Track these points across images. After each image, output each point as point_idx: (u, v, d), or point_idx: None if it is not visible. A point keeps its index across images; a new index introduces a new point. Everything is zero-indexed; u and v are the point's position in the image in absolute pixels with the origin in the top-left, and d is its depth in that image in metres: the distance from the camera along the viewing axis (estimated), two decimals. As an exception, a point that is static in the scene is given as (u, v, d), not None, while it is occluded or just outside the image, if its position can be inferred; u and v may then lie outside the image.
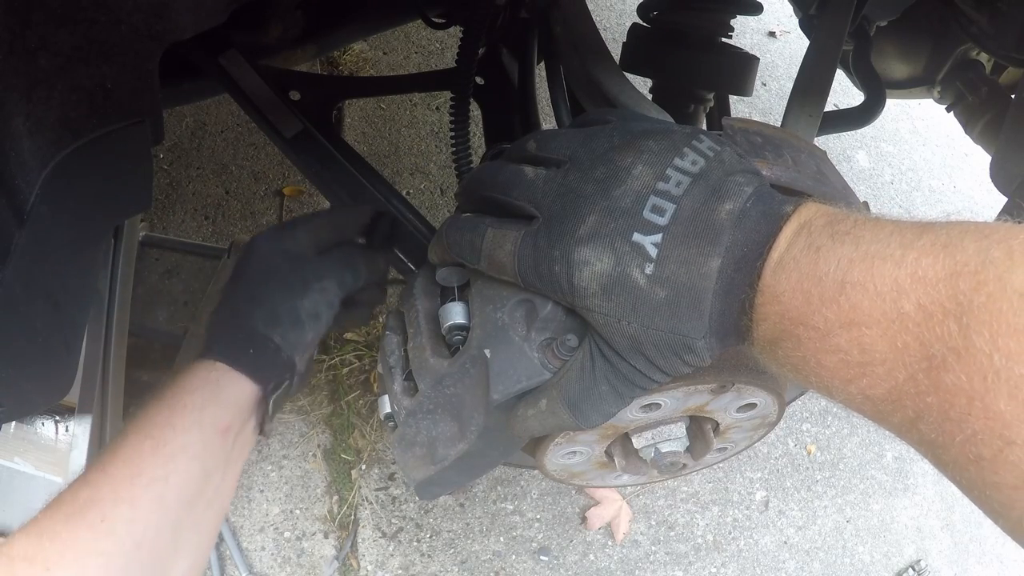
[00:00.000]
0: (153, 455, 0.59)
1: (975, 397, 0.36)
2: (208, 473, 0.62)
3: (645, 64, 0.99)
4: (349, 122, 2.14)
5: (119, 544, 0.55)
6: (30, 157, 0.55)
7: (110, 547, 0.55)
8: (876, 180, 2.72)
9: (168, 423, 0.61)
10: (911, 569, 1.94)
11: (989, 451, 0.36)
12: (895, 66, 1.32)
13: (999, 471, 0.36)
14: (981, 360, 0.36)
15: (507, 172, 0.58)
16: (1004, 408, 0.35)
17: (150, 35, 0.62)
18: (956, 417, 0.37)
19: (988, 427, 0.36)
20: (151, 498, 0.58)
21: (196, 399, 0.63)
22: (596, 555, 1.72)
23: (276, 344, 0.68)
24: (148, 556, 0.57)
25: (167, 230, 1.82)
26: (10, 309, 0.55)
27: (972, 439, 0.37)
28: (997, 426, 0.35)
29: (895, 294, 0.40)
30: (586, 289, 0.51)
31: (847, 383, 0.44)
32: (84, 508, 0.55)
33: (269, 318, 0.68)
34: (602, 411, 0.55)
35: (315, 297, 0.71)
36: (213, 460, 0.63)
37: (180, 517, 0.60)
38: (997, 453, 0.36)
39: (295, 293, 0.69)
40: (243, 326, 0.67)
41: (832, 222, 0.46)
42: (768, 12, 1.11)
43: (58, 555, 0.53)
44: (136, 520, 0.56)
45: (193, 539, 0.62)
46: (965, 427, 0.37)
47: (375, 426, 1.69)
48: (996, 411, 0.35)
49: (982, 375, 0.36)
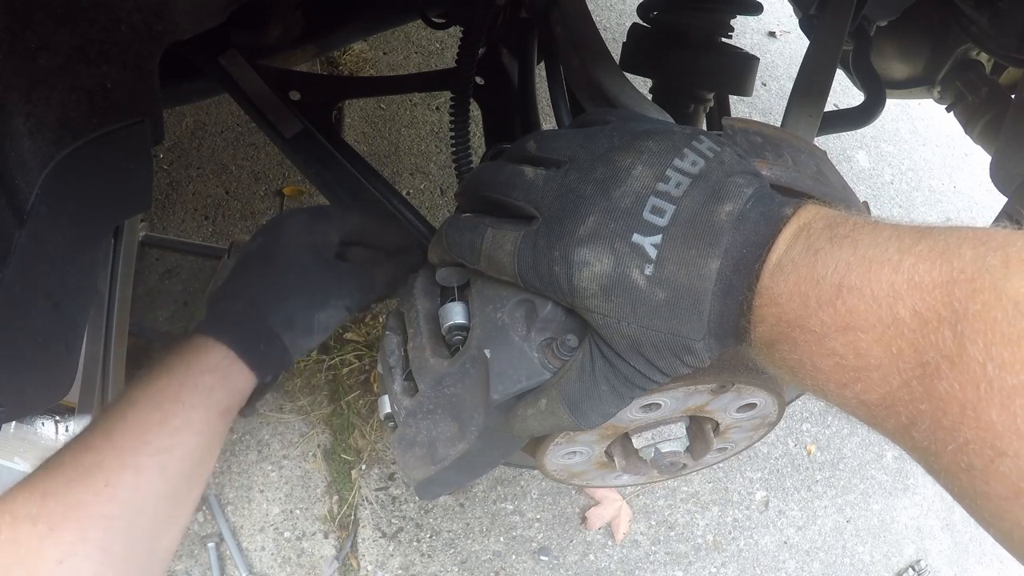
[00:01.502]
0: (160, 426, 0.61)
1: (968, 406, 0.36)
2: (205, 449, 0.64)
3: (645, 64, 0.99)
4: (349, 122, 2.14)
5: (122, 509, 0.56)
6: (30, 157, 0.55)
7: (113, 511, 0.56)
8: (876, 180, 2.72)
9: (177, 398, 0.63)
10: (911, 569, 1.94)
11: (980, 461, 0.36)
12: (895, 66, 1.32)
13: (990, 481, 0.36)
14: (975, 369, 0.36)
15: (507, 172, 0.58)
16: (996, 418, 0.35)
17: (150, 35, 0.62)
18: (948, 425, 0.37)
19: (980, 437, 0.35)
20: (155, 468, 0.59)
21: (206, 381, 0.65)
22: (596, 555, 1.72)
23: (284, 345, 0.70)
24: (147, 524, 0.58)
25: (167, 230, 1.82)
26: (10, 309, 0.55)
27: (964, 448, 0.36)
28: (989, 436, 0.35)
29: (891, 299, 0.40)
30: (586, 290, 0.51)
31: (842, 387, 0.44)
32: (88, 472, 0.56)
33: (285, 321, 0.70)
34: (602, 411, 0.55)
35: (331, 312, 0.72)
36: (212, 438, 0.65)
37: (178, 488, 0.61)
38: (988, 463, 0.35)
39: (315, 304, 0.71)
40: (259, 323, 0.69)
41: (831, 225, 0.46)
42: (768, 12, 1.11)
43: (61, 516, 0.54)
44: (139, 487, 0.58)
45: (182, 511, 0.64)
46: (957, 436, 0.37)
47: (375, 426, 1.69)
48: (988, 421, 0.35)
49: (975, 384, 0.36)
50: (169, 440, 0.61)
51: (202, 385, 0.64)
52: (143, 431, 0.60)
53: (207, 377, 0.65)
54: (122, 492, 0.57)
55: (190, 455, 0.62)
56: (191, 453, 0.62)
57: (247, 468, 1.60)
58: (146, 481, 0.58)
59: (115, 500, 0.56)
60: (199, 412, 0.63)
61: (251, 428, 1.64)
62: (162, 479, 0.59)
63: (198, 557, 1.48)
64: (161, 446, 0.60)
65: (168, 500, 0.60)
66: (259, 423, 1.65)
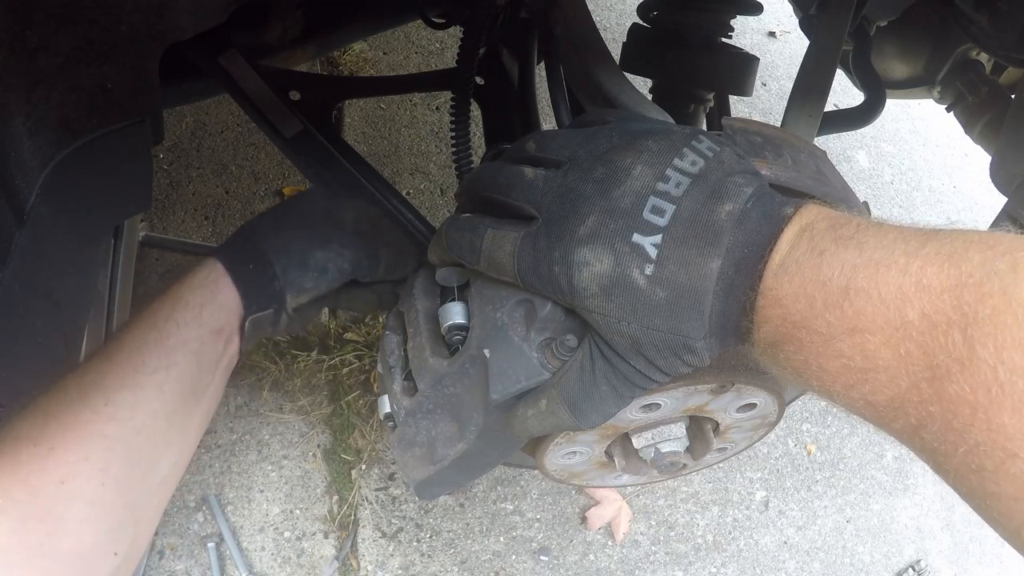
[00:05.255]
0: (157, 346, 0.62)
1: (979, 409, 0.36)
2: (202, 370, 0.65)
3: (645, 64, 0.99)
4: (349, 122, 2.14)
5: (120, 428, 0.57)
6: (30, 157, 0.55)
7: (112, 431, 0.57)
8: (876, 180, 2.72)
9: (171, 317, 0.64)
10: (911, 569, 1.94)
11: (991, 463, 0.36)
12: (895, 66, 1.32)
13: (1000, 482, 0.36)
14: (985, 372, 0.36)
15: (507, 173, 0.58)
16: (1007, 421, 0.35)
17: (150, 35, 0.62)
18: (959, 428, 0.37)
19: (991, 439, 0.36)
20: (152, 387, 0.60)
21: (196, 297, 0.66)
22: (596, 555, 1.72)
23: (274, 272, 0.70)
24: (145, 443, 0.59)
25: (167, 230, 1.82)
26: (10, 309, 0.56)
27: (975, 450, 0.37)
28: (1000, 439, 0.35)
29: (899, 302, 0.40)
30: (586, 290, 0.51)
31: (849, 388, 0.44)
32: (87, 392, 0.57)
33: (279, 248, 0.70)
34: (602, 411, 0.55)
35: (329, 255, 0.72)
36: (207, 359, 0.66)
37: (175, 409, 0.62)
38: (999, 465, 0.36)
39: (313, 242, 0.72)
40: (253, 244, 0.70)
41: (834, 226, 0.46)
42: (768, 12, 1.11)
43: (61, 437, 0.54)
44: (138, 407, 0.59)
45: (180, 436, 0.64)
46: (968, 438, 0.37)
47: (375, 426, 1.69)
48: (999, 424, 0.35)
49: (986, 387, 0.36)
50: (166, 359, 0.61)
51: (192, 302, 0.65)
52: (140, 351, 0.61)
53: (197, 293, 0.66)
54: (121, 411, 0.57)
55: (186, 374, 0.63)
56: (187, 372, 0.63)
57: (247, 468, 1.60)
58: (144, 400, 0.59)
59: (115, 419, 0.57)
60: (192, 330, 0.64)
61: (251, 428, 1.64)
62: (159, 398, 0.60)
63: (198, 557, 1.48)
64: (158, 365, 0.61)
65: (166, 420, 0.61)
66: (259, 423, 1.65)
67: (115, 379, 0.59)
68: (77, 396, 0.57)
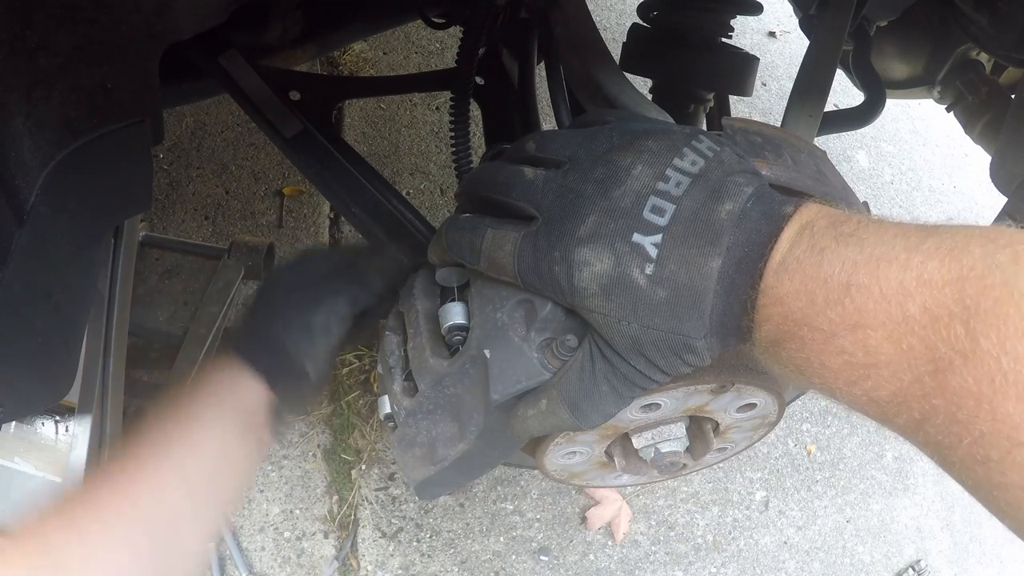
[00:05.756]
0: (179, 442, 0.65)
1: (983, 399, 0.36)
2: (224, 461, 0.68)
3: (645, 64, 0.99)
4: (349, 122, 2.14)
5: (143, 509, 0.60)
6: (30, 157, 0.55)
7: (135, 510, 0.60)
8: (876, 180, 2.72)
9: (194, 416, 0.67)
10: (911, 569, 1.94)
11: (997, 453, 0.36)
12: (895, 66, 1.32)
13: (1007, 472, 0.36)
14: (989, 363, 0.36)
15: (507, 173, 0.58)
16: (1012, 410, 0.35)
17: (150, 35, 0.62)
18: (963, 419, 0.37)
19: (996, 429, 0.36)
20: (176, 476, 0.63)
21: (217, 395, 0.69)
22: (596, 555, 1.72)
23: (288, 351, 0.72)
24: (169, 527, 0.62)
25: (167, 230, 1.82)
26: (10, 309, 0.56)
27: (980, 441, 0.37)
28: (1005, 428, 0.36)
29: (901, 297, 0.41)
30: (586, 290, 0.51)
31: (851, 384, 0.44)
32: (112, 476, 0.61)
33: (283, 329, 0.73)
34: (602, 411, 0.55)
35: (326, 313, 0.75)
36: (229, 451, 0.68)
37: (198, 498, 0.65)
38: (1005, 455, 0.36)
39: (306, 310, 0.75)
40: (260, 334, 0.73)
41: (835, 224, 0.47)
42: (768, 12, 1.11)
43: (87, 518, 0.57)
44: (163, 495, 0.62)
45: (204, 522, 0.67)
46: (972, 429, 0.37)
47: (375, 426, 1.69)
48: (1004, 413, 0.36)
49: (990, 378, 0.36)
50: (188, 452, 0.64)
51: (213, 401, 0.68)
52: (166, 446, 0.64)
53: (217, 391, 0.69)
54: (145, 496, 0.60)
55: (209, 466, 0.66)
56: (210, 465, 0.66)
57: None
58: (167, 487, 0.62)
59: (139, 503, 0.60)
60: (214, 426, 0.67)
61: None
62: (182, 487, 0.63)
63: (198, 557, 1.48)
64: (180, 458, 0.64)
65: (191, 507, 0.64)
66: (259, 423, 1.65)
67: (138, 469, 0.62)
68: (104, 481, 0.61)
